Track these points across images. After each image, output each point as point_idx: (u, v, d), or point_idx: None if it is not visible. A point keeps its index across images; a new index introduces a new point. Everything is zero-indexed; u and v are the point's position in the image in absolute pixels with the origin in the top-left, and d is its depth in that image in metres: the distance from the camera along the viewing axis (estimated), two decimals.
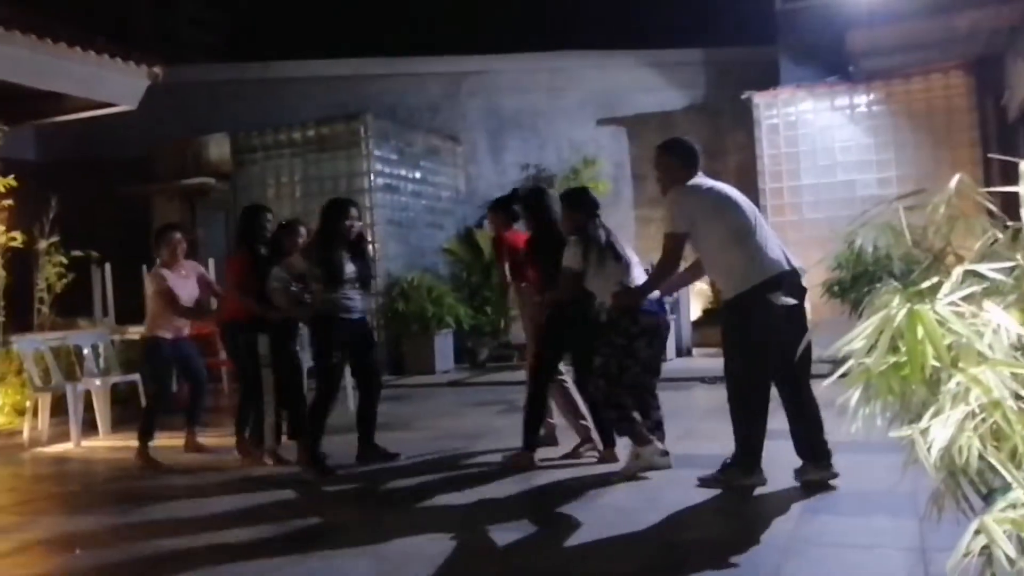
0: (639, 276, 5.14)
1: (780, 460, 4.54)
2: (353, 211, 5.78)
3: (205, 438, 6.95)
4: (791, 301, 4.34)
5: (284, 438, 6.16)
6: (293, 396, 6.03)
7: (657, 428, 5.20)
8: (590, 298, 5.22)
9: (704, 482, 4.58)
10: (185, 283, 6.57)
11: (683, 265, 4.90)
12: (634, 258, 5.28)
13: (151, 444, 6.38)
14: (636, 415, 4.96)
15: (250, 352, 6.11)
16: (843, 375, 3.23)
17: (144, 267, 9.97)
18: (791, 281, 4.46)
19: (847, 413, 3.07)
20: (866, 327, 2.02)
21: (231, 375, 9.31)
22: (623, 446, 5.17)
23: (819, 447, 4.49)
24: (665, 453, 5.04)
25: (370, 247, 8.03)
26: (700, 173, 4.70)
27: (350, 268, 5.67)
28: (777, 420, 4.53)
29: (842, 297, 9.60)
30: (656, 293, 5.02)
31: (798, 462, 4.54)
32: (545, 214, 5.60)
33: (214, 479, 5.60)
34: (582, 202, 5.38)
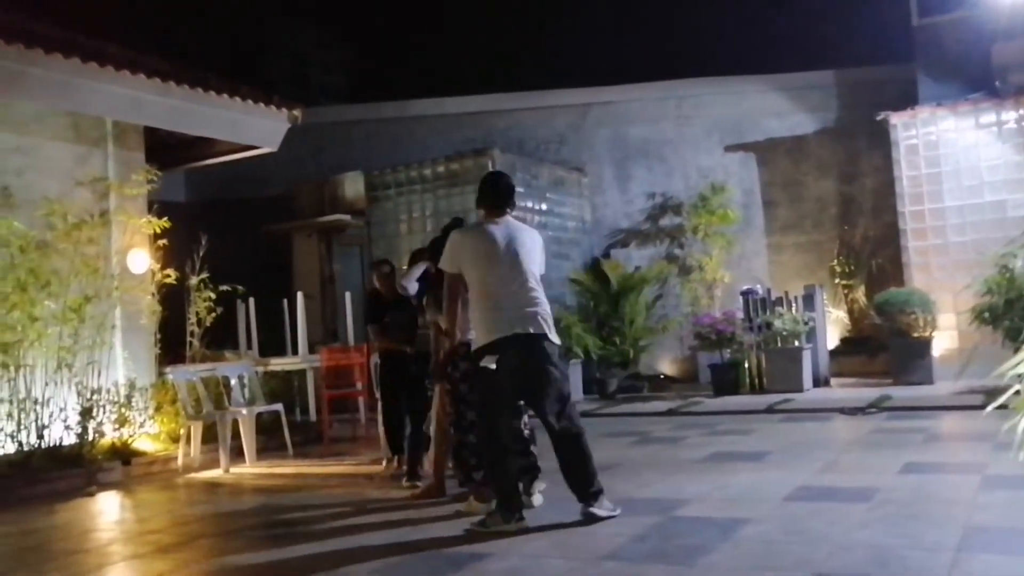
0: None
1: (901, 496, 4.31)
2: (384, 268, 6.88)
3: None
4: (491, 367, 4.62)
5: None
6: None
7: (526, 472, 5.07)
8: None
9: (472, 532, 4.61)
10: None
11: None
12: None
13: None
14: (478, 472, 5.10)
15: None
16: (1001, 406, 3.07)
17: (285, 301, 10.44)
18: (516, 345, 4.63)
19: (1012, 444, 2.92)
20: None
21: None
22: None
23: (575, 485, 4.71)
24: (529, 495, 5.02)
25: None
26: (499, 214, 4.94)
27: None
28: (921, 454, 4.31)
29: (994, 324, 9.08)
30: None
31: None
32: None
33: (356, 504, 5.77)
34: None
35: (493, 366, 4.63)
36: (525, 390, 4.73)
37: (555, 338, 4.82)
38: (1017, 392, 2.78)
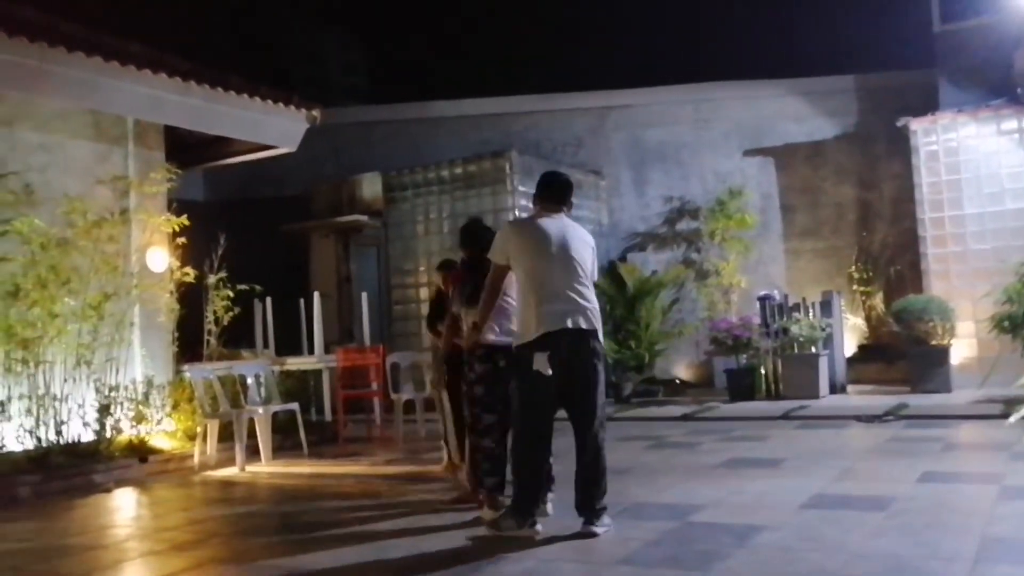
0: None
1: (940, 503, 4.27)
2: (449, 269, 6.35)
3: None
4: (547, 372, 4.42)
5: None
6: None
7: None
8: None
9: (486, 535, 4.59)
10: None
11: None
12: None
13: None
14: (490, 479, 4.89)
15: None
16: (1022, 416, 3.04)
17: (301, 301, 10.46)
18: (566, 340, 4.47)
19: None
20: None
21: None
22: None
23: (585, 499, 4.55)
24: (543, 503, 4.79)
25: None
26: (555, 210, 4.80)
27: None
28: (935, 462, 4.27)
29: (1013, 333, 9.00)
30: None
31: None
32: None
33: (377, 504, 5.79)
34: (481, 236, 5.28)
35: (549, 372, 4.42)
36: (567, 388, 4.52)
37: (602, 338, 4.69)
38: None
